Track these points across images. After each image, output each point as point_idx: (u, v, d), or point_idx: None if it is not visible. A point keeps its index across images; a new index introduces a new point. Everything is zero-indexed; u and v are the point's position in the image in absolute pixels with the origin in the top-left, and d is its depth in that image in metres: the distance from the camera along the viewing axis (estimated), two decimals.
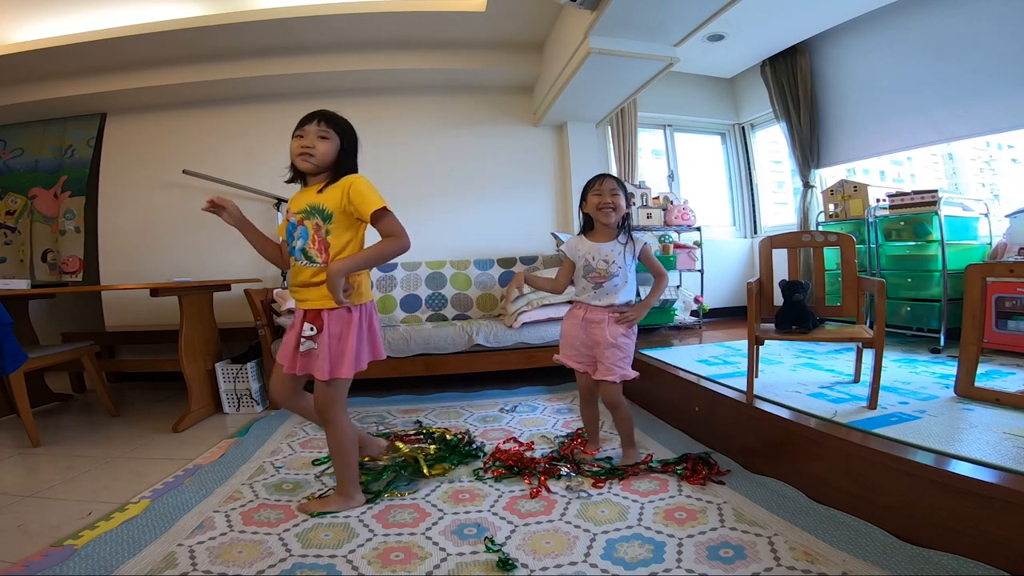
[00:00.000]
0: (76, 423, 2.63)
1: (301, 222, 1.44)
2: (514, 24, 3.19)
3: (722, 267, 4.24)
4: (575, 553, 1.25)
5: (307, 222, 1.43)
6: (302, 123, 1.46)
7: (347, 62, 3.36)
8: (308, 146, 1.43)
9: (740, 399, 1.86)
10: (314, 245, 1.43)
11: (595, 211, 1.74)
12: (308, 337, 1.45)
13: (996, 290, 2.20)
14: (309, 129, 1.44)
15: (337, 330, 1.44)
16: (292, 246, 1.46)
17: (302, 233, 1.43)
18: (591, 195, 1.75)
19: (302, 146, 1.43)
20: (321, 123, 1.44)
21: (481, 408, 2.56)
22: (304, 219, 1.43)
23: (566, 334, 1.82)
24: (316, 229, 1.42)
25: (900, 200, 2.83)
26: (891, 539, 1.23)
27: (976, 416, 1.55)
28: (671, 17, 2.47)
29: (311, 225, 1.43)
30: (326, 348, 1.42)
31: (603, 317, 1.72)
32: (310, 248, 1.43)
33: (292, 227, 1.46)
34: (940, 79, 3.03)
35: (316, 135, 1.44)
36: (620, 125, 3.90)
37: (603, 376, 1.72)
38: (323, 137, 1.44)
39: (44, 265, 3.63)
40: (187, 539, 1.37)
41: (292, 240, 1.46)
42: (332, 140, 1.46)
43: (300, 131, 1.45)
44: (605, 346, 1.71)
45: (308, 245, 1.43)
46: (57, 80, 3.38)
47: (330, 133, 1.45)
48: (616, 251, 1.73)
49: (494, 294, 3.38)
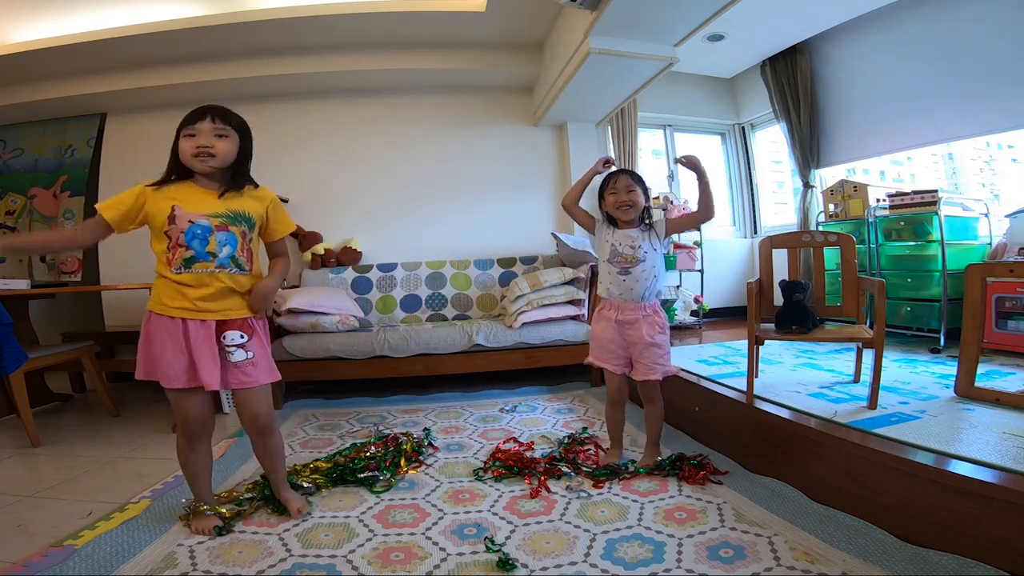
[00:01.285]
0: (76, 423, 2.63)
1: (224, 227, 1.34)
2: (514, 24, 3.19)
3: (722, 267, 4.24)
4: (575, 553, 1.25)
5: (233, 228, 1.35)
6: (192, 120, 1.32)
7: (347, 62, 3.36)
8: (206, 146, 1.30)
9: (740, 399, 1.86)
10: (243, 253, 1.38)
11: (614, 210, 1.73)
12: (239, 346, 1.37)
13: (996, 290, 2.20)
14: (203, 128, 1.31)
15: (264, 335, 1.45)
16: (206, 250, 1.32)
17: (229, 240, 1.34)
18: (607, 194, 1.73)
19: (198, 146, 1.30)
20: (216, 120, 1.32)
21: (481, 408, 2.56)
22: (228, 224, 1.35)
23: (598, 336, 1.77)
24: (243, 236, 1.37)
25: (900, 200, 2.83)
26: (891, 539, 1.23)
27: (976, 416, 1.55)
28: (671, 17, 2.47)
29: (238, 232, 1.36)
30: (265, 352, 1.43)
31: (637, 316, 1.70)
32: (239, 255, 1.37)
33: (206, 231, 1.32)
34: (940, 79, 3.03)
35: (212, 133, 1.31)
36: (620, 125, 3.90)
37: (646, 376, 1.69)
38: (221, 135, 1.33)
39: (43, 265, 3.63)
40: (187, 539, 1.37)
41: (204, 244, 1.32)
42: (232, 138, 1.35)
43: (191, 129, 1.31)
44: (643, 346, 1.69)
45: (238, 253, 1.36)
46: (57, 80, 3.38)
47: (228, 131, 1.34)
48: (640, 237, 1.71)
49: (494, 294, 3.38)
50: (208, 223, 1.33)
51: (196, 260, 1.32)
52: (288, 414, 2.59)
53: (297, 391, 3.05)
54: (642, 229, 1.72)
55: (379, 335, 2.75)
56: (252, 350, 1.39)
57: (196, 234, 1.32)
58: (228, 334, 1.37)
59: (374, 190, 3.69)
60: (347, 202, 3.64)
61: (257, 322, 1.43)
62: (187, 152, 1.32)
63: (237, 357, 1.38)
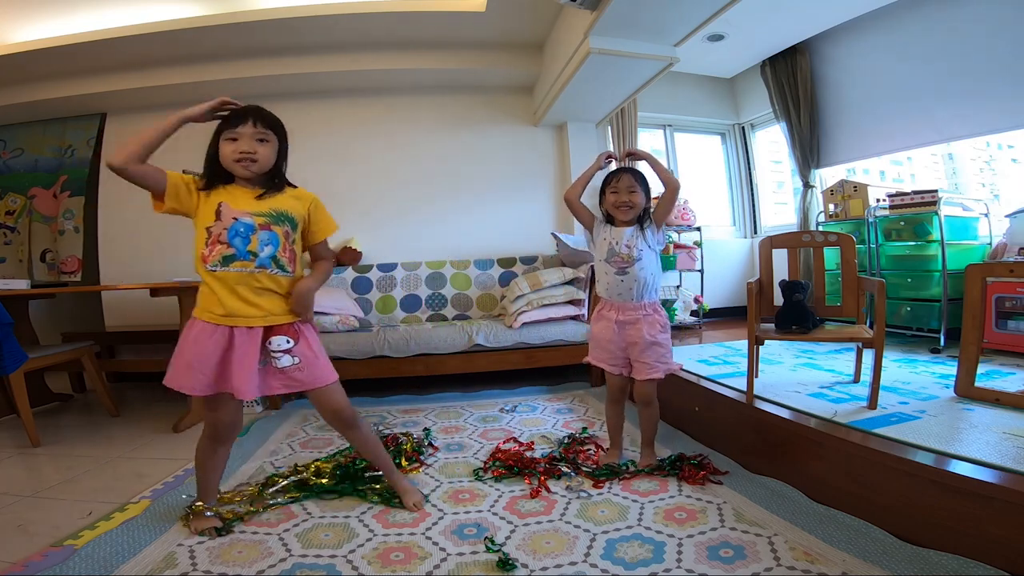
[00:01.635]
0: (76, 423, 2.63)
1: (267, 226, 1.32)
2: (514, 24, 3.19)
3: (722, 267, 4.24)
4: (575, 553, 1.25)
5: (276, 228, 1.33)
6: (233, 123, 1.31)
7: (347, 62, 3.36)
8: (249, 152, 1.30)
9: (740, 399, 1.86)
10: (285, 254, 1.35)
11: (613, 209, 1.72)
12: (286, 351, 1.36)
13: (996, 290, 2.20)
14: (244, 132, 1.30)
15: (315, 336, 1.43)
16: (247, 249, 1.30)
17: (271, 239, 1.32)
18: (609, 192, 1.73)
19: (241, 151, 1.29)
20: (258, 124, 1.31)
21: (481, 408, 2.56)
22: (271, 224, 1.33)
23: (597, 337, 1.77)
24: (286, 237, 1.35)
25: (900, 200, 2.83)
26: (891, 539, 1.23)
27: (976, 416, 1.55)
28: (671, 17, 2.47)
29: (281, 232, 1.34)
30: (317, 353, 1.40)
31: (637, 316, 1.69)
32: (281, 256, 1.34)
33: (249, 229, 1.30)
34: (940, 79, 3.03)
35: (254, 138, 1.31)
36: (620, 125, 3.90)
37: (648, 375, 1.68)
38: (263, 140, 1.32)
39: (43, 265, 3.63)
40: (187, 539, 1.37)
41: (246, 243, 1.30)
42: (272, 143, 1.34)
43: (232, 133, 1.30)
44: (644, 346, 1.68)
45: (280, 253, 1.33)
46: (57, 80, 3.38)
47: (269, 135, 1.33)
48: (636, 236, 1.70)
49: (494, 294, 3.38)
50: (252, 221, 1.31)
51: (236, 258, 1.29)
52: (288, 414, 2.59)
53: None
54: (637, 228, 1.72)
55: (379, 335, 2.75)
56: (299, 355, 1.37)
57: (239, 232, 1.30)
58: (274, 339, 1.35)
59: (374, 190, 3.69)
60: (347, 202, 3.63)
61: (303, 326, 1.40)
62: (228, 156, 1.31)
63: (283, 363, 1.36)
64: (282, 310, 1.36)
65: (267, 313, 1.34)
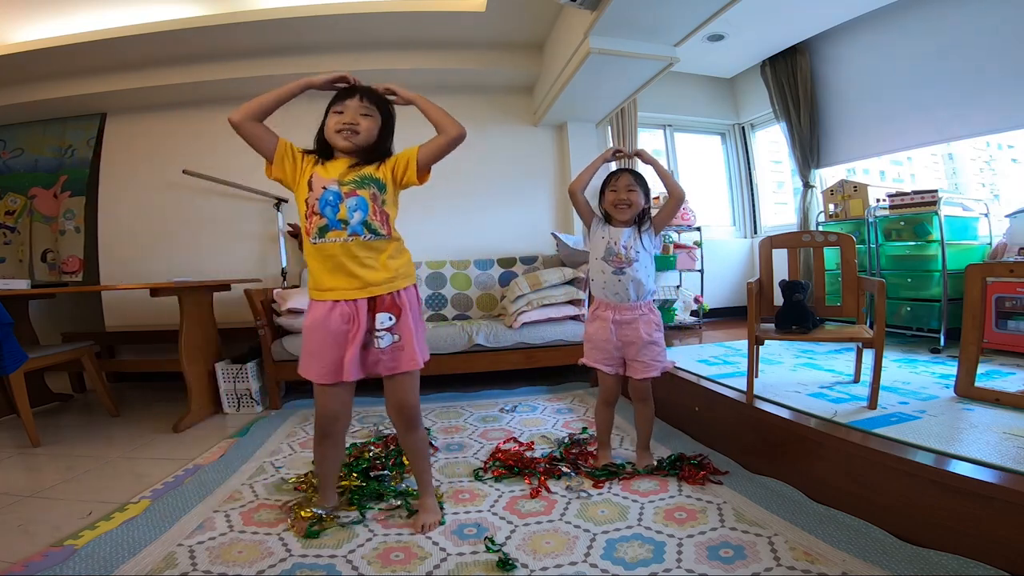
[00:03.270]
0: (76, 423, 2.63)
1: (353, 192, 1.30)
2: (514, 24, 3.19)
3: (722, 267, 4.24)
4: (575, 553, 1.25)
5: (361, 192, 1.31)
6: (341, 97, 1.36)
7: (347, 62, 3.36)
8: (352, 123, 1.33)
9: (740, 399, 1.86)
10: (376, 216, 1.32)
11: (612, 208, 1.73)
12: (387, 329, 1.32)
13: (996, 290, 2.20)
14: (350, 104, 1.34)
15: (414, 310, 1.39)
16: (337, 218, 1.29)
17: (359, 204, 1.30)
18: (608, 191, 1.74)
19: (344, 123, 1.32)
20: (364, 99, 1.35)
21: (481, 408, 2.56)
22: (356, 189, 1.31)
23: (593, 337, 1.76)
24: (374, 199, 1.33)
25: (900, 200, 2.83)
26: (891, 539, 1.23)
27: (976, 416, 1.55)
28: (671, 17, 2.47)
29: (367, 195, 1.32)
30: (411, 334, 1.35)
31: (634, 316, 1.70)
32: (372, 219, 1.32)
33: (336, 197, 1.30)
34: (940, 79, 3.03)
35: (358, 112, 1.34)
36: (620, 125, 3.90)
37: (645, 374, 1.70)
38: (366, 114, 1.35)
39: (43, 265, 3.63)
40: (187, 539, 1.37)
41: (336, 211, 1.29)
42: (375, 118, 1.37)
43: (339, 106, 1.35)
44: (642, 345, 1.69)
45: (370, 216, 1.31)
46: (57, 80, 3.38)
47: (372, 110, 1.37)
48: (633, 237, 1.71)
49: (494, 294, 3.38)
50: (338, 189, 1.31)
51: (329, 228, 1.30)
52: (288, 414, 2.59)
53: (297, 391, 3.05)
54: (635, 230, 1.72)
55: None
56: (399, 332, 1.34)
57: (328, 201, 1.30)
58: (379, 316, 1.33)
59: None
60: None
61: (406, 296, 1.37)
62: (331, 128, 1.34)
63: (384, 342, 1.33)
64: (386, 278, 1.34)
65: (366, 284, 1.32)
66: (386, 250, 1.36)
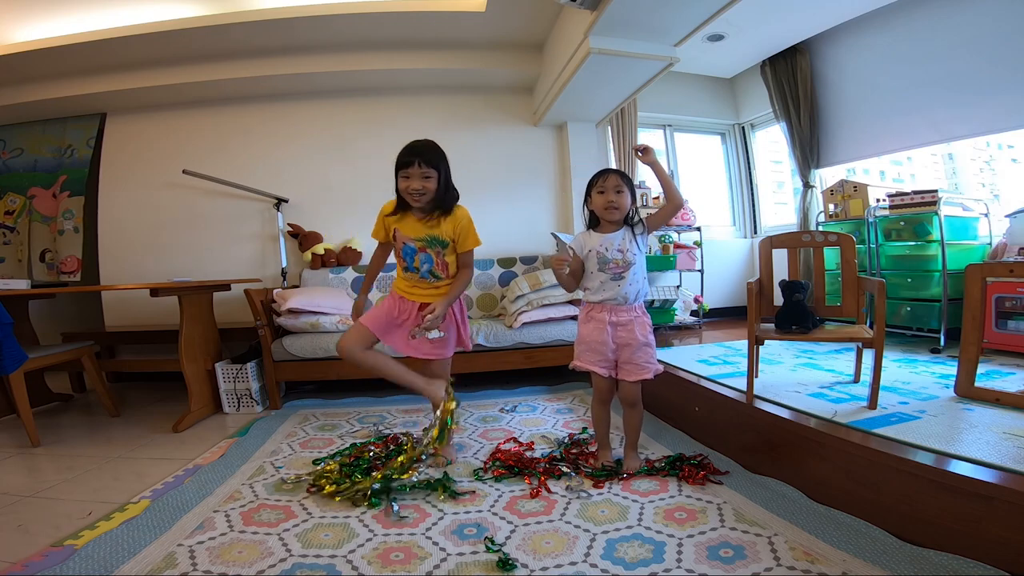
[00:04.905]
0: (76, 423, 2.63)
1: (423, 249, 1.76)
2: (514, 24, 3.19)
3: (722, 267, 4.24)
4: (575, 553, 1.25)
5: (430, 251, 1.76)
6: (404, 164, 1.66)
7: (347, 62, 3.36)
8: (417, 189, 1.66)
9: (740, 399, 1.86)
10: (438, 268, 1.79)
11: (601, 210, 1.72)
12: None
13: (996, 290, 2.20)
14: (413, 172, 1.65)
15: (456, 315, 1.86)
16: (413, 265, 1.78)
17: (427, 259, 1.77)
18: (595, 193, 1.72)
19: (411, 188, 1.66)
20: (422, 165, 1.65)
21: (481, 408, 2.56)
22: (426, 247, 1.76)
23: (587, 338, 1.73)
24: (437, 255, 1.77)
25: (900, 200, 2.83)
26: (891, 539, 1.23)
27: (976, 416, 1.55)
28: (671, 17, 2.47)
29: (433, 253, 1.77)
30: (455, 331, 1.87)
31: (631, 318, 1.70)
32: (436, 270, 1.79)
33: (412, 251, 1.77)
34: (940, 79, 3.03)
35: (421, 177, 1.65)
36: (620, 125, 3.89)
37: (639, 376, 1.68)
38: (427, 177, 1.66)
39: (42, 265, 3.63)
40: (187, 539, 1.37)
41: (412, 260, 1.78)
42: (434, 178, 1.67)
43: (405, 172, 1.66)
44: (637, 346, 1.68)
45: (435, 268, 1.79)
46: (57, 80, 3.38)
47: (431, 172, 1.66)
48: (627, 239, 1.70)
49: (494, 294, 3.38)
50: (414, 245, 1.76)
51: (408, 270, 1.81)
52: (288, 414, 2.59)
53: (297, 391, 3.05)
54: (628, 231, 1.72)
55: None
56: (444, 330, 1.81)
57: (407, 252, 1.78)
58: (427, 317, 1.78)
59: (374, 190, 3.68)
60: (347, 202, 3.64)
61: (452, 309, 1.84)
62: (403, 190, 1.69)
63: (433, 335, 1.79)
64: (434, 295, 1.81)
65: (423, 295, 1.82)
66: (443, 285, 1.83)
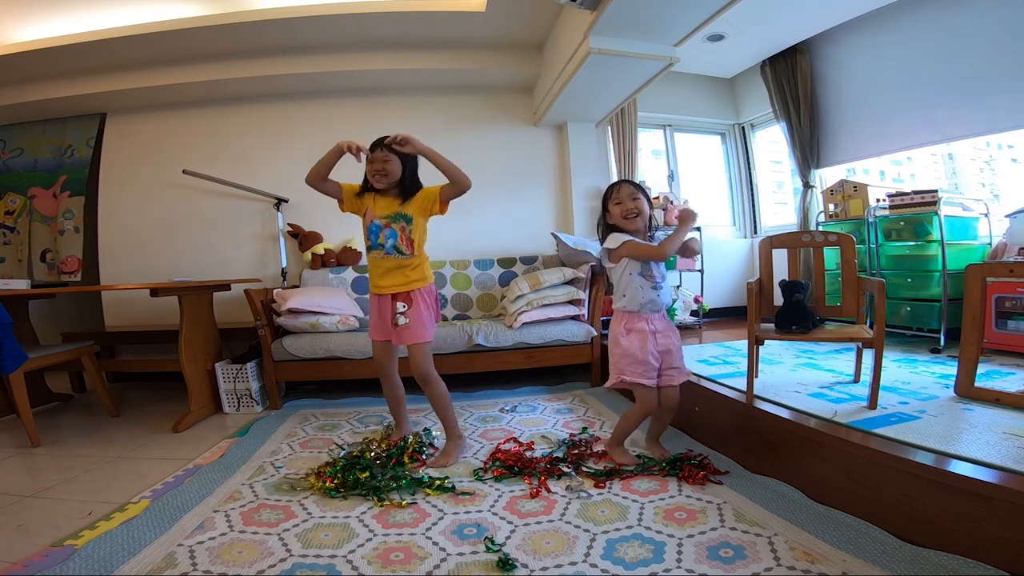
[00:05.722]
0: (76, 423, 2.63)
1: (388, 225, 1.86)
2: (514, 24, 3.19)
3: (722, 267, 4.24)
4: (575, 553, 1.25)
5: (394, 225, 1.86)
6: (372, 149, 1.85)
7: (347, 62, 3.36)
8: (379, 170, 1.84)
9: (740, 399, 1.86)
10: (403, 243, 1.87)
11: (622, 220, 1.73)
12: (401, 313, 1.88)
13: (996, 290, 2.20)
14: (376, 156, 1.84)
15: (423, 304, 1.90)
16: (378, 242, 1.87)
17: (391, 234, 1.86)
18: (612, 205, 1.75)
19: (375, 170, 1.85)
20: (383, 150, 1.84)
21: (481, 408, 2.56)
22: (391, 223, 1.86)
23: (632, 351, 1.69)
24: (402, 230, 1.87)
25: (900, 200, 2.83)
26: (891, 539, 1.23)
27: (976, 416, 1.55)
28: (671, 17, 2.47)
29: (398, 228, 1.86)
30: (420, 318, 1.88)
31: (666, 324, 1.76)
32: (401, 244, 1.87)
33: (378, 227, 1.87)
34: (940, 79, 3.03)
35: (381, 160, 1.83)
36: (620, 125, 3.89)
37: (685, 378, 1.77)
38: (386, 160, 1.84)
39: (43, 265, 3.63)
40: (187, 539, 1.37)
41: (376, 237, 1.87)
42: (394, 161, 1.84)
43: (371, 157, 1.85)
44: (677, 350, 1.75)
45: (399, 243, 1.86)
46: (57, 80, 3.38)
47: (392, 156, 1.84)
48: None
49: (494, 294, 3.38)
50: (379, 223, 1.87)
51: (373, 248, 1.89)
52: (288, 414, 2.59)
53: (297, 391, 3.05)
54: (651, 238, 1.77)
55: None
56: (410, 316, 1.88)
57: (372, 230, 1.88)
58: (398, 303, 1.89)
59: None
60: None
61: (418, 294, 1.90)
62: (369, 173, 1.86)
63: (400, 322, 1.89)
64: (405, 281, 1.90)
65: (395, 284, 1.90)
66: (408, 265, 1.89)
